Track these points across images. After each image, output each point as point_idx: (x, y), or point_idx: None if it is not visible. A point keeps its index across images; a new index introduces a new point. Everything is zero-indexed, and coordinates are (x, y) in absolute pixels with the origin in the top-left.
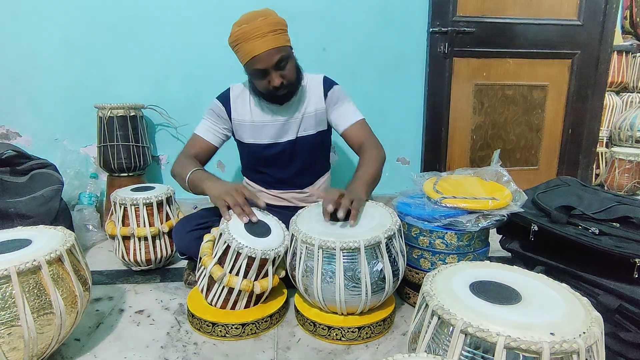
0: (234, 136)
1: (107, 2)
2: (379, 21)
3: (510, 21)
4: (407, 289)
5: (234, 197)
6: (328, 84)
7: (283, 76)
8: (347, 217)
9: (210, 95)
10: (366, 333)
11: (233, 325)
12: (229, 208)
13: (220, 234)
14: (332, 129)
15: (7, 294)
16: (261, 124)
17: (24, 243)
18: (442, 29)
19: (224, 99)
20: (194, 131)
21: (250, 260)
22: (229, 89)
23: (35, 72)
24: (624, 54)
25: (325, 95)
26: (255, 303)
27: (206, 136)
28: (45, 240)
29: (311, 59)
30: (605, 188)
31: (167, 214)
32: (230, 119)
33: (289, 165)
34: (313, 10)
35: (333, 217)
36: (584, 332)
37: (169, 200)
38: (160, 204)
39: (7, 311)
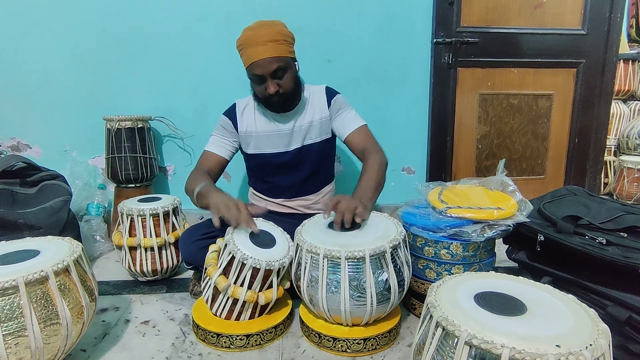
0: (240, 149)
1: (116, 17)
2: (383, 32)
3: (514, 31)
4: (413, 299)
5: (234, 212)
6: (330, 93)
7: (279, 85)
8: (353, 226)
9: (217, 107)
10: (372, 344)
11: (237, 336)
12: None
13: (225, 245)
14: (336, 138)
15: (15, 304)
16: (266, 134)
17: (32, 254)
18: (446, 39)
19: (231, 113)
20: (204, 148)
21: (255, 271)
22: (235, 104)
23: (46, 86)
24: (631, 62)
25: (329, 104)
26: (260, 314)
27: (216, 150)
28: (53, 251)
29: (316, 70)
30: (614, 197)
31: (174, 225)
32: (237, 131)
33: (295, 173)
34: (318, 22)
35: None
36: (590, 345)
37: (175, 211)
38: (166, 215)
39: (15, 321)
